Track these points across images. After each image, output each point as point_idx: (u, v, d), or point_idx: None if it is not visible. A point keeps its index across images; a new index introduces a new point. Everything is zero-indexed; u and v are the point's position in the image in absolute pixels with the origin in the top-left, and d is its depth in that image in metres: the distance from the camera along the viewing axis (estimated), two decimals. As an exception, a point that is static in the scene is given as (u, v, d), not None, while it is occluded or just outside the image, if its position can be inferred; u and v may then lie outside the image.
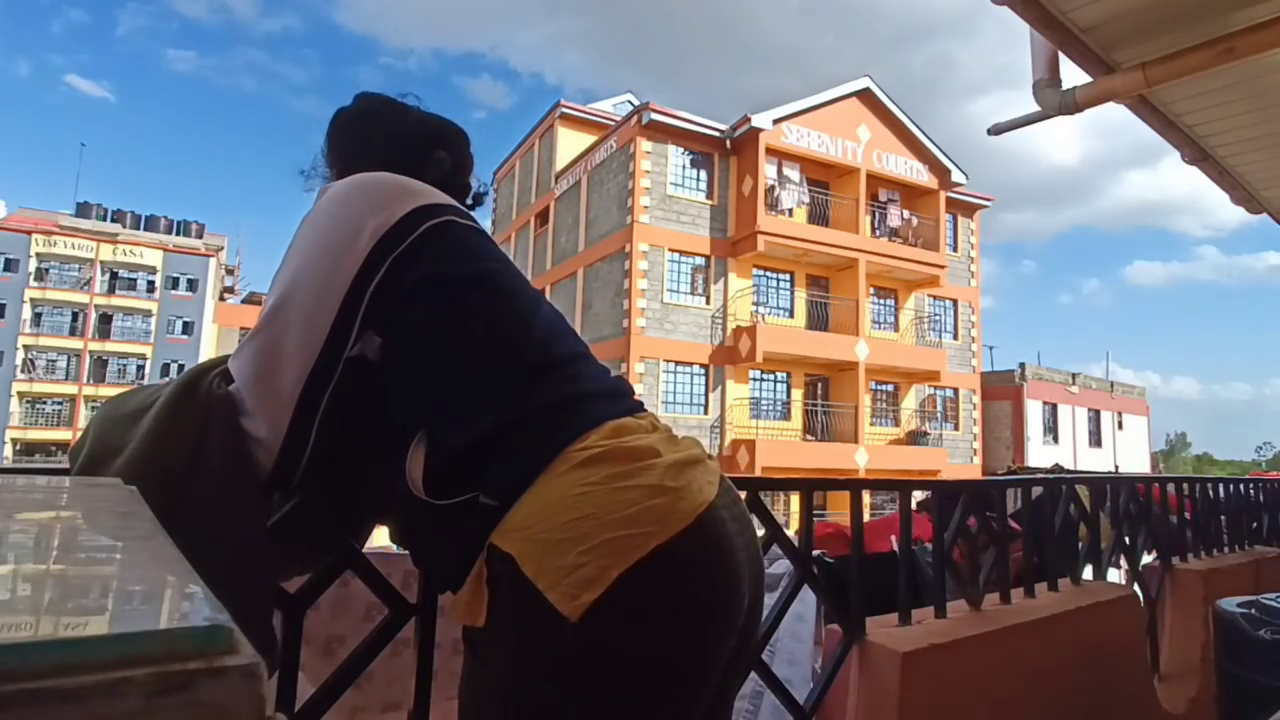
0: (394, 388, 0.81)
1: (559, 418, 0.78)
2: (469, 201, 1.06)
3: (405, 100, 1.07)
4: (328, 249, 0.80)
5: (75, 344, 33.60)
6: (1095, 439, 25.29)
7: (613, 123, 19.37)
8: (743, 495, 0.92)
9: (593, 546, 0.68)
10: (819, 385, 18.47)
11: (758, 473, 15.31)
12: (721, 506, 0.78)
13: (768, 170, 17.04)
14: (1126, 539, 2.72)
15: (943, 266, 19.18)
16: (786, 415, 17.94)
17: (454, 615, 0.77)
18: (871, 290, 18.91)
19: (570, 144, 20.87)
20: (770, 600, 1.33)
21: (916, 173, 19.05)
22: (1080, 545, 2.50)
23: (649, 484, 0.73)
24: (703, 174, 17.42)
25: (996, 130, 3.05)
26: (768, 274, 17.97)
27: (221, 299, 38.83)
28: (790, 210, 17.51)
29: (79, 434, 0.83)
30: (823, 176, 18.52)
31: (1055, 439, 23.59)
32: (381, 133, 1.02)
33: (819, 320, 18.20)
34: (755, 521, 0.98)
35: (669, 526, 0.71)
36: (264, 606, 0.78)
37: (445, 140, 1.05)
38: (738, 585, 0.77)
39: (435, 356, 0.80)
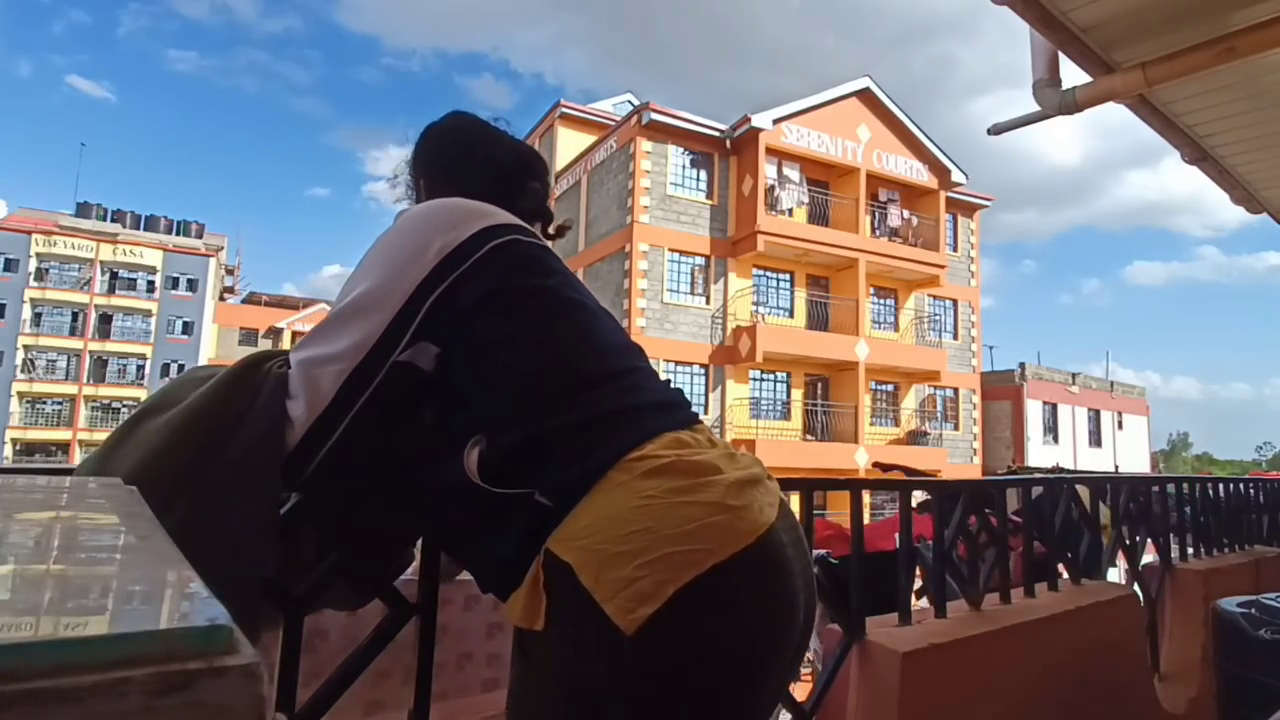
0: (448, 397, 0.83)
1: (617, 425, 0.78)
2: (551, 231, 1.10)
3: (498, 125, 1.10)
4: (394, 260, 0.83)
5: (75, 344, 33.60)
6: (1095, 439, 25.29)
7: (613, 123, 19.37)
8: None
9: (651, 560, 0.69)
10: (819, 385, 18.47)
11: (758, 473, 15.28)
12: (781, 529, 0.78)
13: (768, 170, 17.04)
14: (1126, 539, 2.72)
15: (943, 266, 19.18)
16: (786, 415, 17.94)
17: (509, 616, 0.78)
18: (871, 290, 18.91)
19: (570, 144, 20.86)
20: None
21: (916, 172, 19.04)
22: (1080, 545, 2.50)
23: (710, 500, 0.73)
24: (703, 174, 17.42)
25: (996, 130, 3.06)
26: (768, 274, 17.97)
27: (221, 299, 38.84)
28: (790, 210, 17.51)
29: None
30: (823, 176, 18.52)
31: (1055, 439, 23.59)
32: (477, 155, 1.06)
33: (819, 320, 18.20)
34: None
35: (728, 545, 0.71)
36: (256, 573, 0.79)
37: (536, 171, 1.09)
38: (793, 610, 0.77)
39: (492, 367, 0.82)
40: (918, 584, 1.87)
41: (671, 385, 0.92)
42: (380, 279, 0.82)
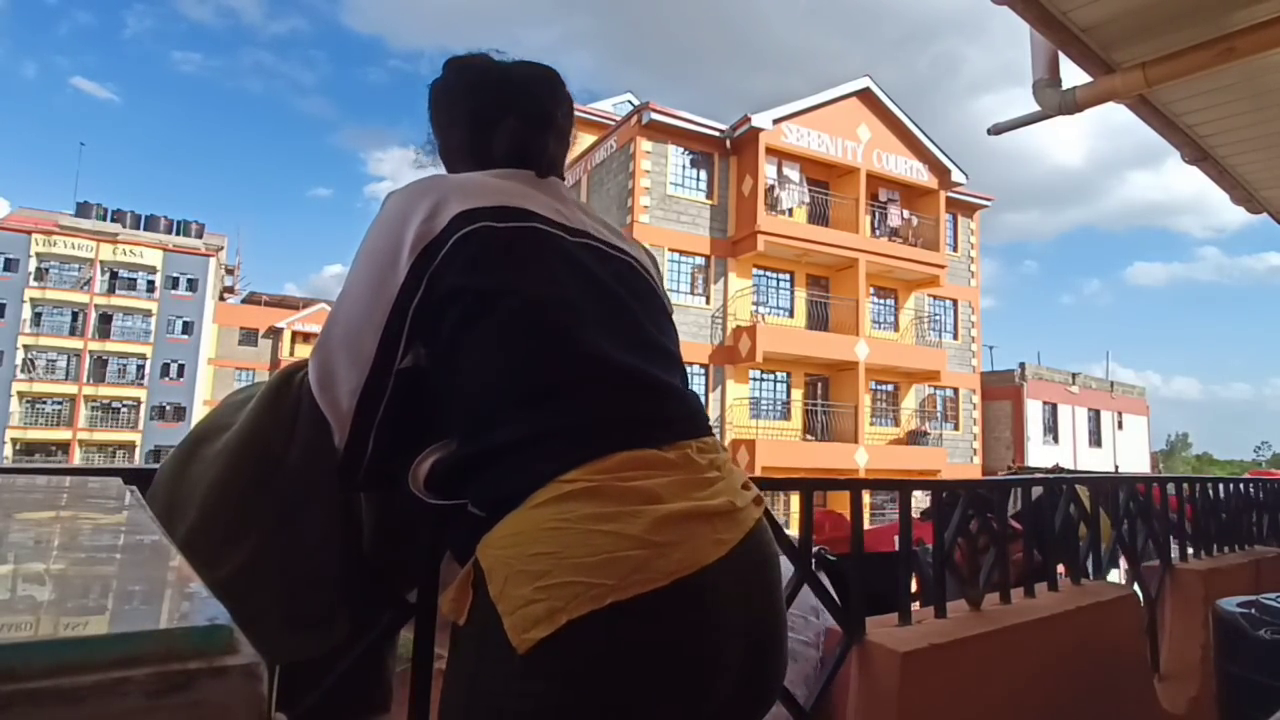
0: (428, 402, 0.83)
1: (560, 442, 0.74)
2: (554, 155, 1.00)
3: (490, 57, 1.01)
4: (373, 268, 0.82)
5: (75, 344, 33.59)
6: (1095, 439, 25.29)
7: (613, 122, 19.36)
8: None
9: (549, 586, 0.66)
10: (819, 385, 18.47)
11: (758, 473, 15.30)
12: (724, 573, 0.71)
13: (768, 170, 17.03)
14: (1126, 539, 2.72)
15: (943, 266, 19.17)
16: (786, 415, 17.93)
17: (441, 608, 0.80)
18: (871, 290, 18.91)
19: (570, 144, 20.84)
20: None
21: (916, 172, 19.04)
22: (1080, 545, 2.50)
23: (627, 533, 0.68)
24: (703, 174, 17.41)
25: (996, 130, 3.05)
26: (768, 274, 17.97)
27: (221, 299, 38.83)
28: (790, 210, 17.50)
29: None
30: (823, 176, 18.52)
31: (1055, 439, 23.58)
32: (460, 108, 0.99)
33: (819, 320, 18.19)
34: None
35: (634, 585, 0.66)
36: (329, 575, 0.83)
37: (516, 100, 0.97)
38: (707, 665, 0.71)
39: (457, 375, 0.80)
40: (913, 588, 1.87)
41: (679, 391, 0.85)
42: (361, 291, 0.82)
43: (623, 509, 0.70)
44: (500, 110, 0.97)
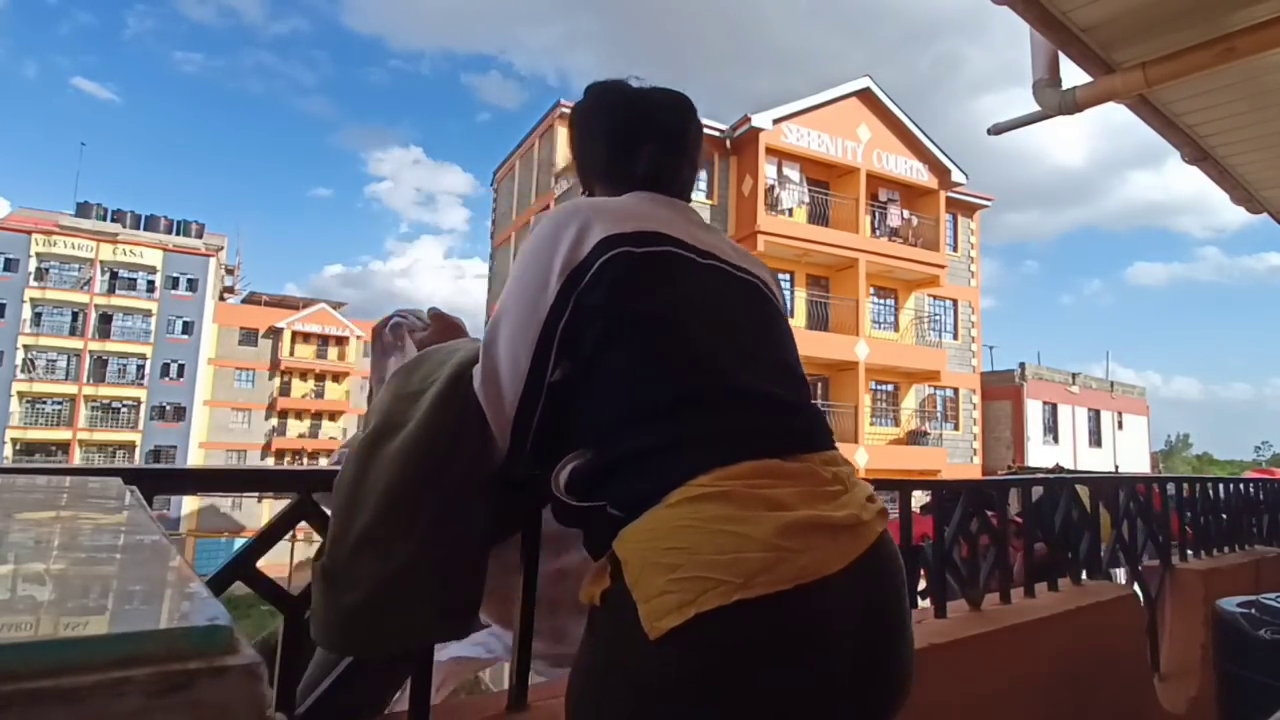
0: (568, 411, 0.90)
1: (693, 449, 0.80)
2: (688, 177, 1.08)
3: (628, 83, 1.08)
4: (526, 290, 0.90)
5: (75, 344, 33.59)
6: (1095, 439, 25.28)
7: (613, 122, 19.34)
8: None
9: (681, 579, 0.72)
10: (819, 385, 18.46)
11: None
12: (845, 582, 0.76)
13: (768, 170, 17.03)
14: (1126, 539, 2.72)
15: (943, 266, 19.17)
16: (786, 415, 17.91)
17: (580, 596, 0.86)
18: (871, 290, 18.91)
19: (570, 144, 20.85)
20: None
21: (916, 172, 19.04)
22: (1081, 545, 2.50)
23: (754, 536, 0.73)
24: (702, 174, 17.40)
25: (996, 130, 3.05)
26: (768, 274, 17.97)
27: (221, 299, 38.83)
28: (790, 210, 17.50)
29: (370, 407, 1.01)
30: (823, 176, 18.52)
31: (1055, 439, 23.58)
32: (600, 131, 1.07)
33: (819, 320, 18.19)
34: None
35: (759, 585, 0.71)
36: (481, 569, 0.92)
37: (654, 125, 1.05)
38: (821, 668, 0.75)
39: (597, 388, 0.87)
40: (921, 584, 1.87)
41: (802, 407, 0.92)
42: (516, 313, 0.90)
43: (750, 513, 0.75)
44: (639, 134, 1.04)
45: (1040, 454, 21.67)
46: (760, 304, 0.98)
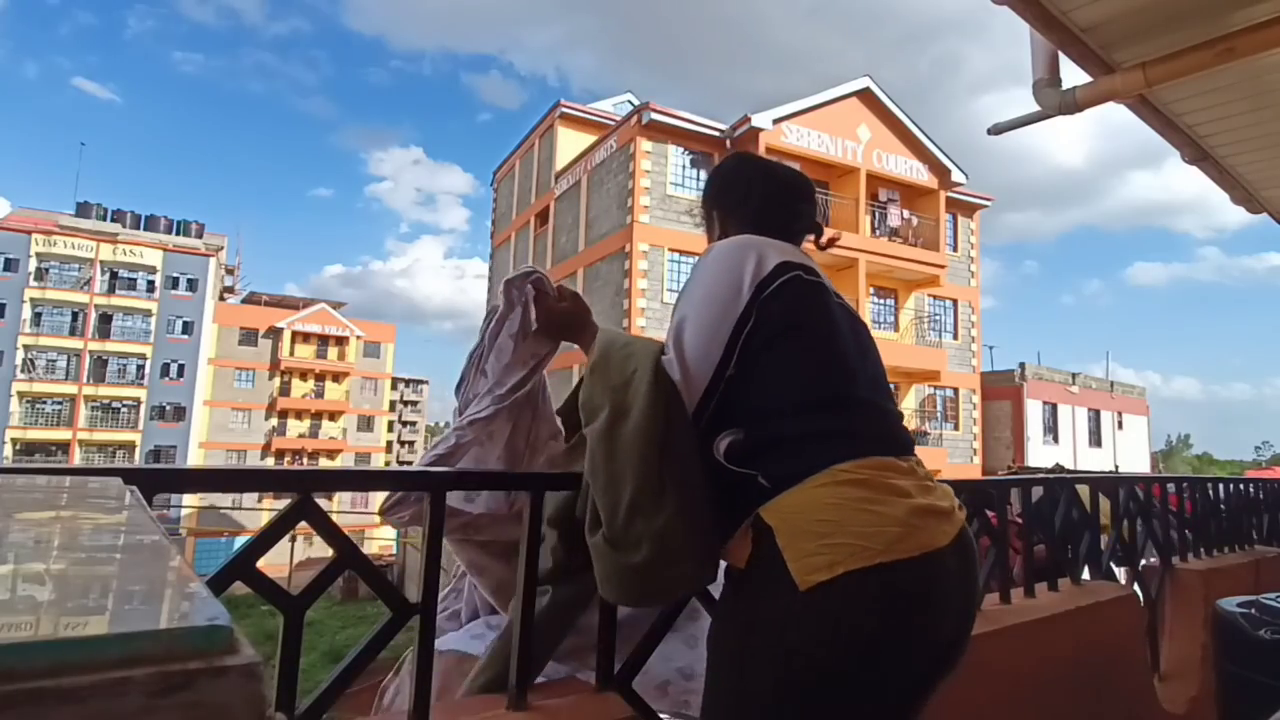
0: (728, 397, 1.07)
1: (837, 441, 1.00)
2: (822, 242, 1.39)
3: (772, 161, 1.41)
4: (718, 297, 1.09)
5: (75, 344, 33.59)
6: (1095, 439, 25.27)
7: (613, 122, 19.35)
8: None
9: (832, 544, 0.91)
10: (819, 385, 18.44)
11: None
12: (951, 555, 0.96)
13: (768, 170, 17.01)
14: (1126, 539, 2.72)
15: (943, 266, 19.16)
16: (786, 415, 17.90)
17: (724, 556, 1.04)
18: (871, 290, 18.89)
19: (570, 144, 20.83)
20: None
21: (916, 172, 19.03)
22: (1081, 545, 2.50)
23: (890, 514, 0.94)
24: (703, 174, 17.39)
25: (996, 130, 3.05)
26: (768, 274, 17.96)
27: (221, 299, 38.82)
28: (790, 210, 17.48)
29: (584, 399, 1.14)
30: (823, 176, 18.50)
31: (1055, 439, 23.57)
32: (758, 189, 1.33)
33: (819, 320, 18.18)
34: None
35: (894, 552, 0.91)
36: (712, 521, 1.04)
37: (805, 194, 1.36)
38: (937, 624, 0.96)
39: (761, 380, 1.06)
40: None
41: (901, 418, 1.14)
42: (708, 313, 1.09)
43: (885, 497, 0.96)
44: (783, 197, 1.34)
45: (1040, 454, 21.66)
46: (865, 330, 1.22)
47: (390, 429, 51.23)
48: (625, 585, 1.03)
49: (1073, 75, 2.53)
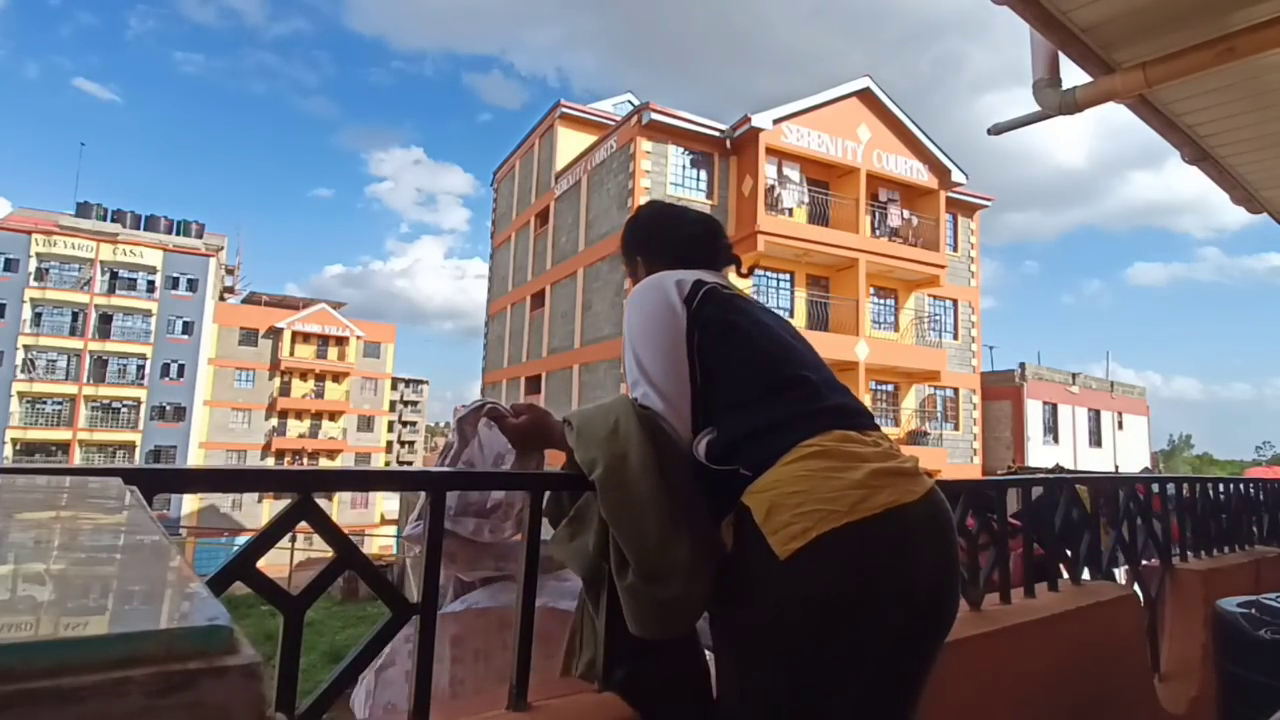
0: (703, 401, 1.18)
1: (799, 421, 1.09)
2: (744, 271, 1.56)
3: (678, 208, 1.52)
4: (661, 322, 1.22)
5: (75, 344, 33.59)
6: (1095, 439, 25.26)
7: (613, 123, 19.35)
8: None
9: (804, 512, 0.99)
10: (819, 385, 18.43)
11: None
12: (919, 508, 1.04)
13: (768, 170, 17.02)
14: (1126, 539, 2.72)
15: (943, 266, 19.16)
16: (786, 415, 17.87)
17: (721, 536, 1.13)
18: (871, 290, 18.89)
19: (570, 144, 20.84)
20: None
21: (916, 172, 19.03)
22: (1081, 545, 2.50)
23: (852, 479, 1.02)
24: (703, 174, 17.40)
25: (996, 130, 3.05)
26: (768, 274, 17.96)
27: (221, 299, 38.83)
28: (790, 210, 17.49)
29: (580, 457, 1.19)
30: (823, 176, 18.50)
31: (1055, 439, 23.57)
32: (679, 234, 1.45)
33: (819, 320, 18.18)
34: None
35: (859, 512, 0.99)
36: (715, 536, 1.13)
37: (720, 232, 1.48)
38: (909, 569, 1.02)
39: (717, 380, 1.17)
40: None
41: (854, 395, 1.22)
42: (659, 341, 1.21)
43: (846, 464, 1.04)
44: (699, 239, 1.45)
45: (1040, 454, 21.66)
46: (792, 326, 1.32)
47: (390, 429, 51.24)
48: (664, 619, 1.09)
49: (1073, 75, 2.53)
